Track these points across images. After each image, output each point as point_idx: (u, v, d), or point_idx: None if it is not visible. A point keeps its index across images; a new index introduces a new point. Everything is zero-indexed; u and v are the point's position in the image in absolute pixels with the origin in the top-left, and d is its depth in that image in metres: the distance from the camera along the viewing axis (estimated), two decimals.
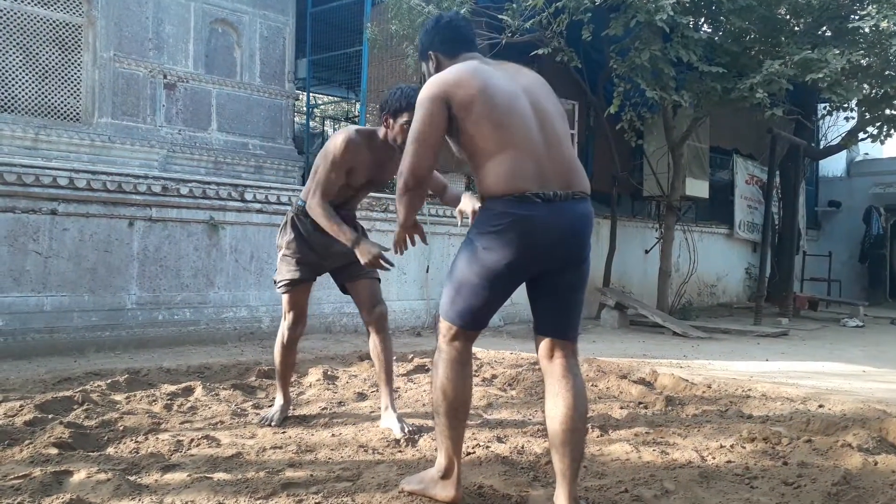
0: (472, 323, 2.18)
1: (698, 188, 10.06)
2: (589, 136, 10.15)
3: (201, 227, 5.82)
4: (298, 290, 3.25)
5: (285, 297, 3.27)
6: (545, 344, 2.18)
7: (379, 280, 3.35)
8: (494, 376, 4.60)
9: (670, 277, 9.15)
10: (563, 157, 2.11)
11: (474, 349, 2.61)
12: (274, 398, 3.93)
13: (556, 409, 2.09)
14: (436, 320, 2.29)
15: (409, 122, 2.52)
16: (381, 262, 2.96)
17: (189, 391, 3.88)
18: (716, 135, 10.83)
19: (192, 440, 2.90)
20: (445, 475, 2.21)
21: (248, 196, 6.09)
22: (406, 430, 3.06)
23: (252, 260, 6.10)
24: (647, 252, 10.08)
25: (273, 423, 3.22)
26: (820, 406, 3.73)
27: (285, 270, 3.24)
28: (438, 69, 2.32)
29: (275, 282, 3.32)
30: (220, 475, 2.50)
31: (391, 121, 2.93)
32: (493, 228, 2.07)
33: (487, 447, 2.90)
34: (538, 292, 2.20)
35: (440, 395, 2.19)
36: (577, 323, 2.20)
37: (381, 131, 3.04)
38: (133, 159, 7.19)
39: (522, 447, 2.91)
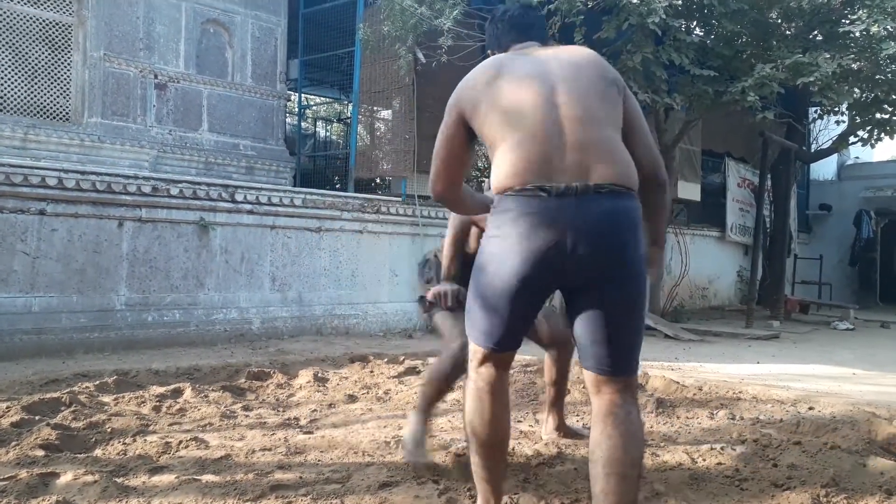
0: (498, 343, 1.85)
1: (690, 191, 10.09)
2: None
3: (191, 227, 5.79)
4: None
5: None
6: (589, 378, 1.82)
7: None
8: None
9: (662, 280, 9.16)
10: (585, 144, 1.76)
11: None
12: (264, 399, 3.92)
13: (599, 450, 1.73)
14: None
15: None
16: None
17: (178, 393, 3.86)
18: (708, 138, 10.87)
19: (181, 442, 2.88)
20: None
21: (239, 197, 6.06)
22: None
23: (242, 261, 6.08)
24: None
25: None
26: (810, 408, 3.74)
27: None
28: None
29: None
30: (208, 477, 2.48)
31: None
32: (496, 231, 1.81)
33: None
34: (572, 312, 1.83)
35: (470, 431, 1.89)
36: (629, 355, 1.78)
37: None
38: (123, 159, 7.15)
39: (513, 449, 2.89)
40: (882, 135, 9.42)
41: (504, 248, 1.77)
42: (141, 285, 5.49)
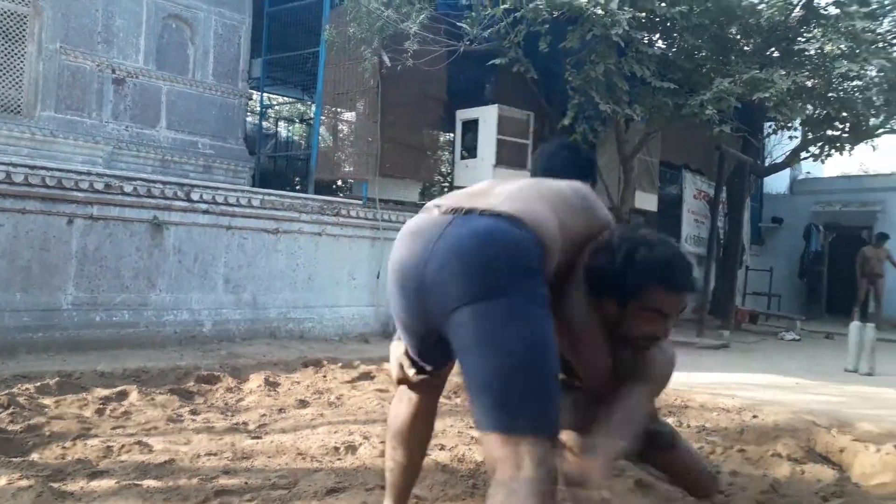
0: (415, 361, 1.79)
1: (647, 201, 10.25)
2: None
3: (144, 226, 5.67)
4: None
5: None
6: None
7: None
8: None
9: None
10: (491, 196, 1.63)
11: None
12: (212, 403, 3.85)
13: None
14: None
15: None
16: None
17: (123, 395, 3.77)
18: (666, 150, 11.06)
19: (123, 446, 2.82)
20: None
21: (195, 196, 5.96)
22: None
23: (196, 262, 5.97)
24: None
25: None
26: (754, 416, 3.82)
27: None
28: None
29: None
30: (149, 482, 2.42)
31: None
32: None
33: (428, 455, 2.88)
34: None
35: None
36: (490, 409, 1.39)
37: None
38: (76, 155, 6.96)
39: (463, 455, 2.90)
40: (832, 151, 9.73)
41: (390, 259, 1.67)
42: (90, 284, 5.35)
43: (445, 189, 12.29)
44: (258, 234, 6.40)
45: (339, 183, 10.10)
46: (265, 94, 10.01)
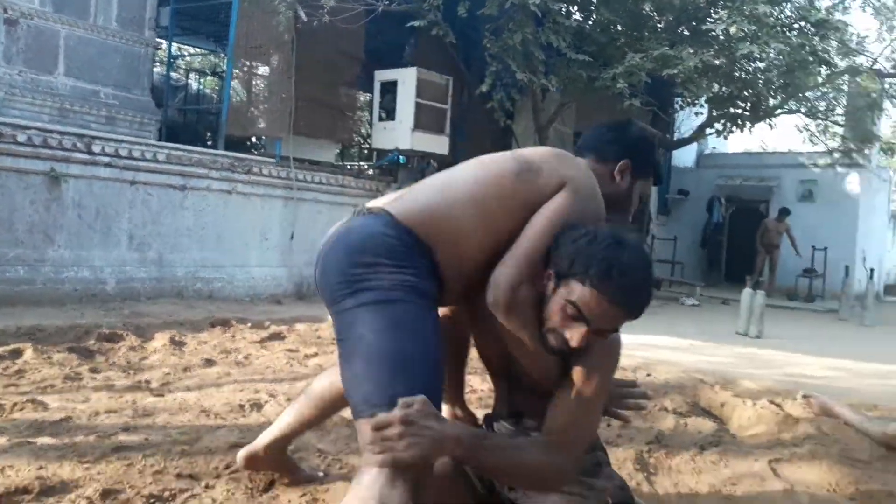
0: None
1: None
2: (462, 114, 10.29)
3: (40, 178, 5.37)
4: None
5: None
6: None
7: None
8: None
9: None
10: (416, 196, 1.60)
11: None
12: (114, 362, 3.75)
13: None
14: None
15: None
16: None
17: (17, 354, 3.61)
18: (581, 120, 11.33)
19: (16, 404, 2.72)
20: None
21: (96, 148, 5.68)
22: None
23: (98, 217, 5.72)
24: None
25: None
26: (648, 375, 4.06)
27: None
28: None
29: None
30: (44, 440, 2.36)
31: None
32: None
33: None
34: None
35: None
36: (354, 397, 1.41)
37: None
38: None
39: None
40: (734, 128, 10.24)
41: None
42: None
43: (365, 151, 12.17)
44: (164, 190, 6.18)
45: (253, 140, 9.83)
46: (175, 45, 9.54)
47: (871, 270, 10.60)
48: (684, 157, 15.88)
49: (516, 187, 1.58)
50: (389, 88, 8.29)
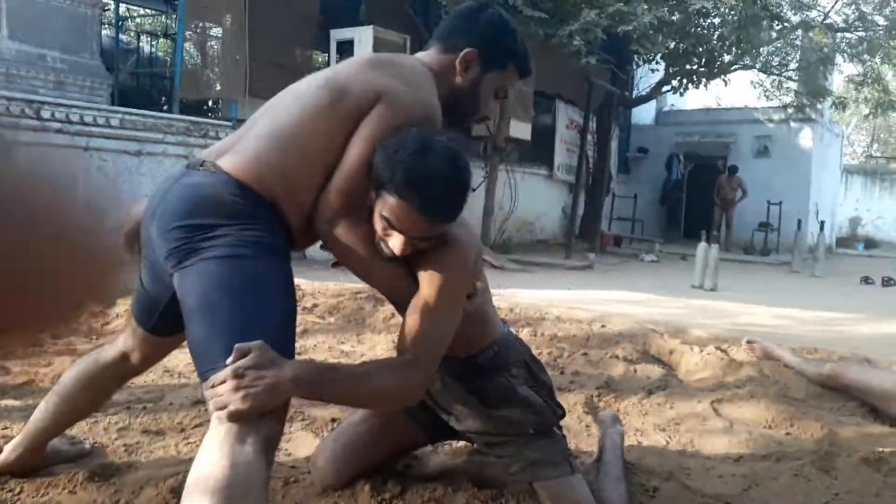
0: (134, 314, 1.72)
1: (521, 130, 10.54)
2: None
3: None
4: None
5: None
6: None
7: None
8: (315, 305, 4.67)
9: (493, 215, 9.63)
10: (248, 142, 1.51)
11: (298, 280, 2.21)
12: (75, 328, 3.75)
13: None
14: None
15: None
16: None
17: None
18: (540, 80, 11.31)
19: None
20: None
21: (46, 114, 5.56)
22: None
23: None
24: (473, 190, 10.45)
25: None
26: (602, 326, 4.20)
27: None
28: None
29: None
30: (8, 402, 2.40)
31: None
32: None
33: None
34: None
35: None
36: (196, 359, 1.34)
37: None
38: None
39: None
40: (690, 84, 10.39)
41: None
42: None
43: None
44: (119, 156, 6.08)
45: (209, 104, 9.67)
46: (123, 5, 9.26)
47: (822, 223, 10.95)
48: (643, 114, 16.05)
49: (333, 119, 1.48)
50: (346, 48, 8.19)
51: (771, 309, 5.73)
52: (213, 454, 1.21)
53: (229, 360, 1.23)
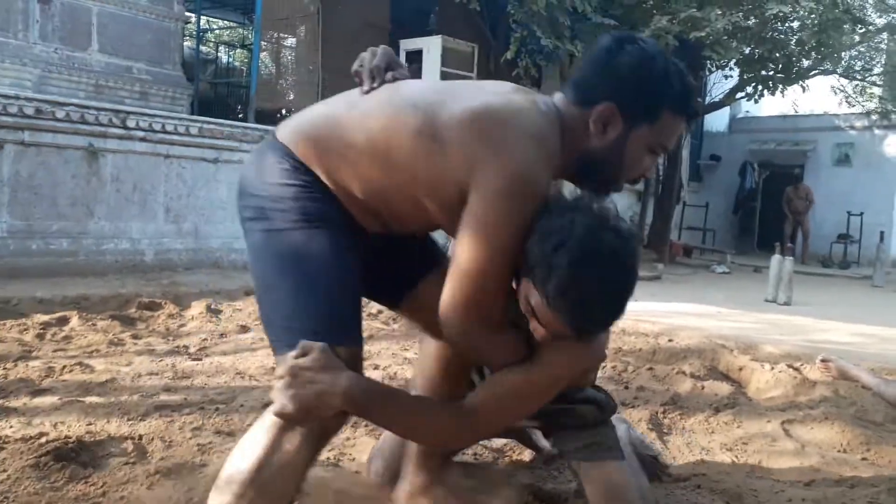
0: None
1: None
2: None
3: (80, 153, 5.56)
4: None
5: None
6: None
7: None
8: (380, 311, 4.75)
9: None
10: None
11: None
12: (154, 329, 3.94)
13: None
14: None
15: None
16: None
17: (64, 321, 3.82)
18: None
19: (65, 367, 2.91)
20: None
21: (131, 123, 5.85)
22: None
23: (135, 190, 5.91)
24: None
25: None
26: (669, 340, 4.12)
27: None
28: None
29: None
30: (92, 399, 2.54)
31: None
32: None
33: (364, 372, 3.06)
34: None
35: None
36: (271, 331, 1.38)
37: None
38: (3, 78, 6.69)
39: (395, 373, 3.09)
40: (766, 91, 10.04)
41: None
42: (24, 212, 5.27)
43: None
44: (197, 164, 6.35)
45: (283, 112, 9.96)
46: (203, 18, 9.65)
47: None
48: (716, 121, 15.61)
49: (411, 145, 1.32)
50: (415, 58, 8.32)
51: (848, 325, 5.49)
52: (256, 436, 1.25)
53: (292, 353, 1.24)
